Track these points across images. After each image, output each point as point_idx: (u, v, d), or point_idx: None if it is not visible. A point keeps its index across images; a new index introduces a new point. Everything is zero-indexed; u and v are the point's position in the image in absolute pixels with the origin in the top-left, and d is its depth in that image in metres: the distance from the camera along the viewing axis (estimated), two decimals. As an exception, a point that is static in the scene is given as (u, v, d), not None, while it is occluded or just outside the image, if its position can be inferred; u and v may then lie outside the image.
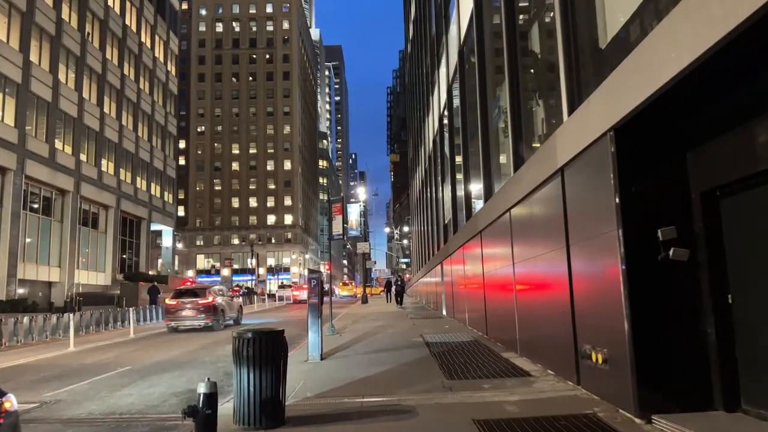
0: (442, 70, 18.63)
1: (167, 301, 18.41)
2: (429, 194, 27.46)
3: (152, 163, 44.04)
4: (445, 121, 18.23)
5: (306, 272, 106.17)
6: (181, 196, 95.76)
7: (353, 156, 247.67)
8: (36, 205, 30.18)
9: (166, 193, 46.77)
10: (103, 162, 36.54)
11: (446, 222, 19.91)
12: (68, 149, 32.55)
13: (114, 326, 20.55)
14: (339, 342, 12.10)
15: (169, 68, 48.37)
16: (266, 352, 5.20)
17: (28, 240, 29.13)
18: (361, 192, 37.12)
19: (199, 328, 17.85)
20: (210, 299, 17.86)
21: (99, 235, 36.60)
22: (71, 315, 15.02)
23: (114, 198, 37.47)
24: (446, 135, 18.63)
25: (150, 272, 43.06)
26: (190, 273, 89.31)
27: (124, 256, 40.00)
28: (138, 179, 41.67)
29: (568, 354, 6.30)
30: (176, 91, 50.38)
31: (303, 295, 49.27)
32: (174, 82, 49.65)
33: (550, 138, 6.79)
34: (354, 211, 33.96)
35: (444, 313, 20.11)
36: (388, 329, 14.92)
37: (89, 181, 34.25)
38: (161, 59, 46.68)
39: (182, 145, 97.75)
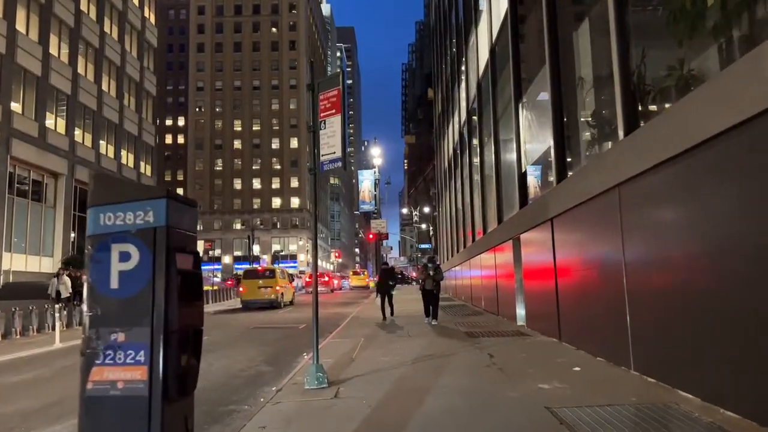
0: None
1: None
2: (475, 147, 19.44)
3: (122, 125, 36.27)
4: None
5: (310, 260, 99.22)
6: (180, 177, 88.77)
7: (366, 143, 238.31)
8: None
9: (142, 164, 39.05)
10: (48, 117, 28.81)
11: (523, 171, 11.84)
12: (-9, 94, 24.90)
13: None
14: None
15: (146, 14, 40.45)
16: None
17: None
18: (376, 154, 29.03)
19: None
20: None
21: (45, 210, 28.99)
22: None
23: (65, 164, 29.77)
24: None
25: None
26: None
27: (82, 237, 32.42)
28: (102, 143, 33.94)
29: None
30: (156, 43, 42.47)
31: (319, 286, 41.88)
32: (153, 32, 41.74)
33: None
34: (367, 179, 25.99)
35: (521, 322, 12.11)
36: (445, 375, 6.85)
37: (25, 139, 26.55)
38: (135, 1, 38.74)
39: (181, 122, 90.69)
